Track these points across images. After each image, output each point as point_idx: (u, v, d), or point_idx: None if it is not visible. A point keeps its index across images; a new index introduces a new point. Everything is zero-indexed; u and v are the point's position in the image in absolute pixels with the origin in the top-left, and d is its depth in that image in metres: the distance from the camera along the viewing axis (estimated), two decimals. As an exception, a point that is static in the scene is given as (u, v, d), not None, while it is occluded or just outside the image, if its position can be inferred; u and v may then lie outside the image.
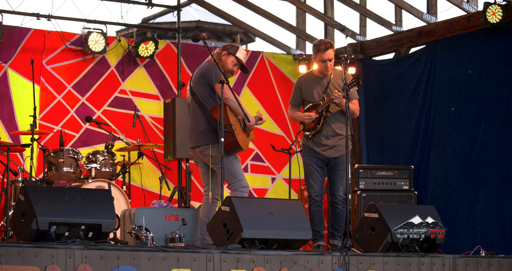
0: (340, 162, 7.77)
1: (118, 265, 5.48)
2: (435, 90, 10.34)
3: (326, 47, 7.76)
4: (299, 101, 8.01)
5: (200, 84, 7.25)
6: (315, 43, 7.88)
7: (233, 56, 7.34)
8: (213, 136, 7.18)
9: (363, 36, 11.53)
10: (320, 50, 7.78)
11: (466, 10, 10.45)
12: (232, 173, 7.19)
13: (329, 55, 7.79)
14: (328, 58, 7.79)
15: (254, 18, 35.48)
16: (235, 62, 7.36)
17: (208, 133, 7.21)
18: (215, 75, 7.14)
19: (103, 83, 10.36)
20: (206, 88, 7.21)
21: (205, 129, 7.23)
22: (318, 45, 7.80)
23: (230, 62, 7.34)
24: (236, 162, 7.25)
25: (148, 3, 10.50)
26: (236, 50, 7.37)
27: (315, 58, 7.88)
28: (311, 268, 6.21)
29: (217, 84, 7.08)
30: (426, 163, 10.30)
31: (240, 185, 7.21)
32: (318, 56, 7.82)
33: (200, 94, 7.25)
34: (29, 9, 9.90)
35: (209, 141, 7.19)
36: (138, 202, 9.85)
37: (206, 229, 6.94)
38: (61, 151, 8.91)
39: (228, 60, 7.34)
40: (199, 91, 7.26)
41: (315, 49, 7.83)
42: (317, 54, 7.82)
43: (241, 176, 7.25)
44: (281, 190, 11.10)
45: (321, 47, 7.77)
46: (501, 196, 9.46)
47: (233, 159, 7.23)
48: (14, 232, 6.06)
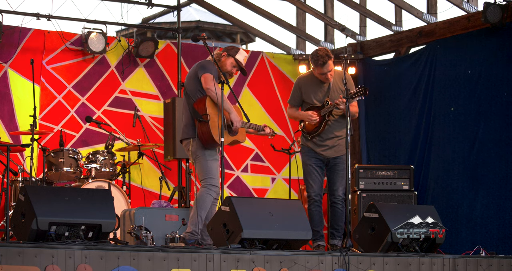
0: (340, 161, 7.76)
1: (118, 265, 5.48)
2: (435, 90, 10.34)
3: (324, 62, 7.61)
4: (299, 102, 7.95)
5: (191, 79, 7.20)
6: (313, 56, 7.70)
7: (232, 58, 7.28)
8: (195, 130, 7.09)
9: (363, 36, 11.53)
10: (318, 65, 7.66)
11: (466, 10, 10.45)
12: (204, 169, 7.07)
13: (328, 68, 7.66)
14: (327, 70, 7.67)
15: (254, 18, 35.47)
16: (234, 64, 7.30)
17: (191, 127, 7.13)
18: (207, 68, 7.08)
19: (103, 83, 10.36)
20: (197, 82, 7.13)
21: (189, 123, 7.15)
22: (316, 60, 7.65)
23: (229, 64, 7.30)
24: (212, 160, 7.08)
25: (148, 3, 10.51)
26: (236, 52, 7.32)
27: (314, 70, 7.77)
28: (311, 268, 6.21)
29: (204, 75, 7.03)
30: (426, 163, 10.30)
31: (209, 183, 7.03)
32: (317, 70, 7.70)
33: (189, 88, 7.20)
34: (29, 9, 9.92)
35: (191, 135, 7.11)
36: (138, 202, 9.85)
37: (205, 229, 6.93)
38: (61, 151, 8.92)
39: (227, 62, 7.29)
40: (189, 85, 7.20)
41: (313, 63, 7.71)
42: (316, 68, 7.71)
43: (212, 173, 7.06)
44: (281, 190, 11.10)
45: (319, 63, 7.63)
46: (501, 195, 9.46)
47: (209, 156, 7.09)
48: (14, 232, 6.06)
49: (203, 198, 6.99)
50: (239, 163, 11.01)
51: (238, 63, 7.31)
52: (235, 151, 10.84)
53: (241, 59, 7.33)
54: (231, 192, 10.77)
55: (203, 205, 6.97)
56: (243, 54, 7.37)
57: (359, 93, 7.53)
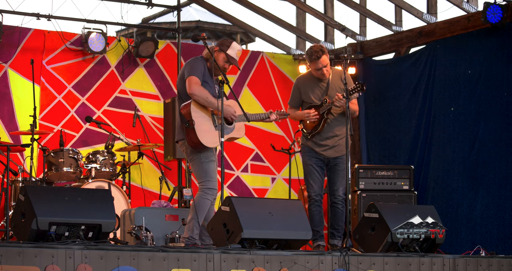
0: (340, 161, 7.76)
1: (118, 265, 5.48)
2: (435, 90, 10.34)
3: (318, 56, 7.63)
4: (299, 103, 7.96)
5: (180, 80, 7.07)
6: (307, 52, 7.77)
7: (223, 53, 7.10)
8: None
9: (363, 36, 11.53)
10: (312, 60, 7.69)
11: (466, 10, 10.45)
12: (199, 173, 6.94)
13: (323, 62, 7.69)
14: (322, 65, 7.70)
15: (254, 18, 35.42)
16: (226, 59, 7.10)
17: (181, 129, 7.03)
18: (192, 68, 6.93)
19: (103, 83, 10.36)
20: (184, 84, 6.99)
21: (180, 125, 7.04)
22: (310, 55, 7.69)
23: (221, 59, 7.10)
24: (207, 162, 6.92)
25: (148, 3, 10.51)
26: (228, 46, 7.11)
27: (310, 67, 7.81)
28: (311, 268, 6.21)
29: (188, 78, 6.88)
30: (426, 163, 10.30)
31: (205, 186, 6.90)
32: (312, 65, 7.74)
33: (178, 89, 7.09)
34: (29, 9, 9.92)
35: (183, 136, 7.01)
36: (138, 202, 9.85)
37: (204, 229, 6.92)
38: (61, 151, 8.92)
39: (219, 57, 7.10)
40: (178, 86, 7.08)
41: (308, 59, 7.74)
42: (311, 64, 7.74)
43: (209, 176, 6.91)
44: (281, 190, 11.10)
45: (313, 57, 7.66)
46: (500, 196, 9.46)
47: (204, 158, 6.93)
48: (14, 232, 6.06)
49: (200, 203, 6.88)
50: (239, 163, 11.01)
51: (229, 59, 7.11)
52: (235, 151, 10.84)
53: (233, 54, 7.11)
54: (231, 192, 10.77)
55: (200, 210, 6.86)
56: (235, 48, 7.13)
57: (357, 89, 7.55)
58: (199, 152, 6.92)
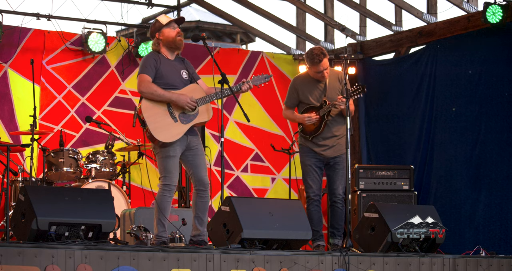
0: (340, 161, 7.75)
1: (118, 265, 5.49)
2: (436, 90, 10.34)
3: (319, 60, 7.61)
4: (295, 103, 7.93)
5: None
6: (307, 55, 7.72)
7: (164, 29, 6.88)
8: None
9: (363, 36, 11.52)
10: (314, 63, 7.66)
11: (466, 10, 10.45)
12: (159, 168, 6.84)
13: (324, 65, 7.67)
14: (323, 68, 7.68)
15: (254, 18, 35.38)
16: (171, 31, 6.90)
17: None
18: (141, 67, 6.79)
19: (103, 83, 10.36)
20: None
21: None
22: (312, 58, 7.65)
23: (167, 34, 6.92)
24: (165, 157, 6.77)
25: (148, 3, 10.51)
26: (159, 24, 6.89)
27: (310, 69, 7.78)
28: (311, 268, 6.21)
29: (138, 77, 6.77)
30: (429, 163, 10.29)
31: (163, 182, 6.78)
32: (313, 68, 7.71)
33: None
34: (29, 9, 9.93)
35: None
36: (138, 202, 9.85)
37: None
38: (61, 151, 8.91)
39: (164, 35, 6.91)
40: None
41: (309, 62, 7.70)
42: (313, 67, 7.71)
43: (166, 171, 6.75)
44: (281, 190, 11.10)
45: (315, 61, 7.63)
46: (503, 196, 9.46)
47: (163, 153, 6.79)
48: (14, 232, 6.06)
49: (158, 200, 6.78)
50: (239, 163, 11.00)
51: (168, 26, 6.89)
52: (235, 151, 10.85)
53: (165, 21, 6.91)
54: (231, 192, 10.77)
55: (160, 207, 6.73)
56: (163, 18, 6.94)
57: (357, 91, 7.55)
58: (159, 146, 6.79)
